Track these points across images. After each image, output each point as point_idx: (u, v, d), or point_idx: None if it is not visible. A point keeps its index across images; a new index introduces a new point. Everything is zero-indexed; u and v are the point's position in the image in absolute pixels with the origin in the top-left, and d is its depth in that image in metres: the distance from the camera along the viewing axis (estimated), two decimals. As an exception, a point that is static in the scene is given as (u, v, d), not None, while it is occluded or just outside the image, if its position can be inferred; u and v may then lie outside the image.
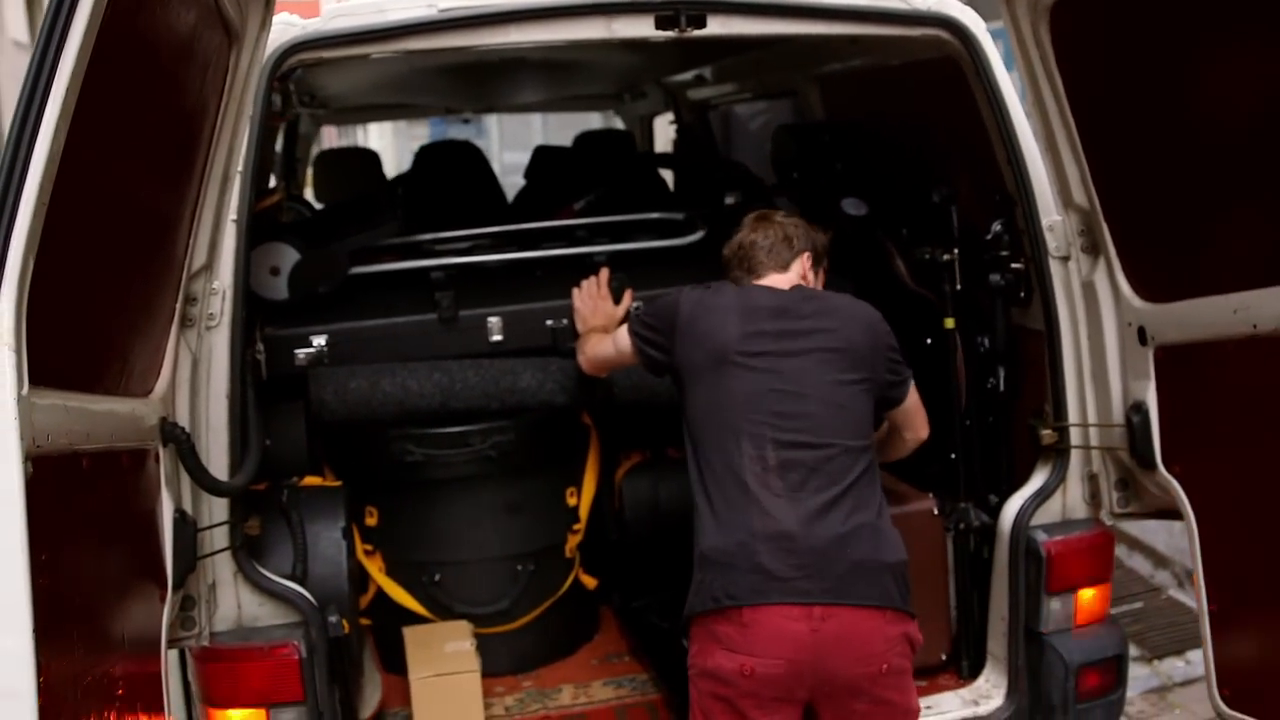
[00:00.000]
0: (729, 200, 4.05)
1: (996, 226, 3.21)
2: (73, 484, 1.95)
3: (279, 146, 5.71)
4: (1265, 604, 2.69)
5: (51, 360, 1.84)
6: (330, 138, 15.66)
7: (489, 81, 5.48)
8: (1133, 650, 4.71)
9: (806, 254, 2.98)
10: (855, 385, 2.77)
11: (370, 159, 6.00)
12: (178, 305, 2.63)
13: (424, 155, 5.70)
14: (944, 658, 3.42)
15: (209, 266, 2.70)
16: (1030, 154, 3.10)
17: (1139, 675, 4.59)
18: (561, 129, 8.48)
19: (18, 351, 1.70)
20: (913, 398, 3.02)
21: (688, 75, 5.49)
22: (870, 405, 2.83)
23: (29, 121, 1.72)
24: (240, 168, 2.74)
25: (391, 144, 17.95)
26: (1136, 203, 2.90)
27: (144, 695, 2.24)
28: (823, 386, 2.73)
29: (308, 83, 4.75)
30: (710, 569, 2.66)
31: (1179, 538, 5.00)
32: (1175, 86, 2.59)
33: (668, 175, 5.68)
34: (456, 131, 10.56)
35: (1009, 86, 3.11)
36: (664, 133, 6.98)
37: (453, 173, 5.42)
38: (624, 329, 3.11)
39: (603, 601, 4.03)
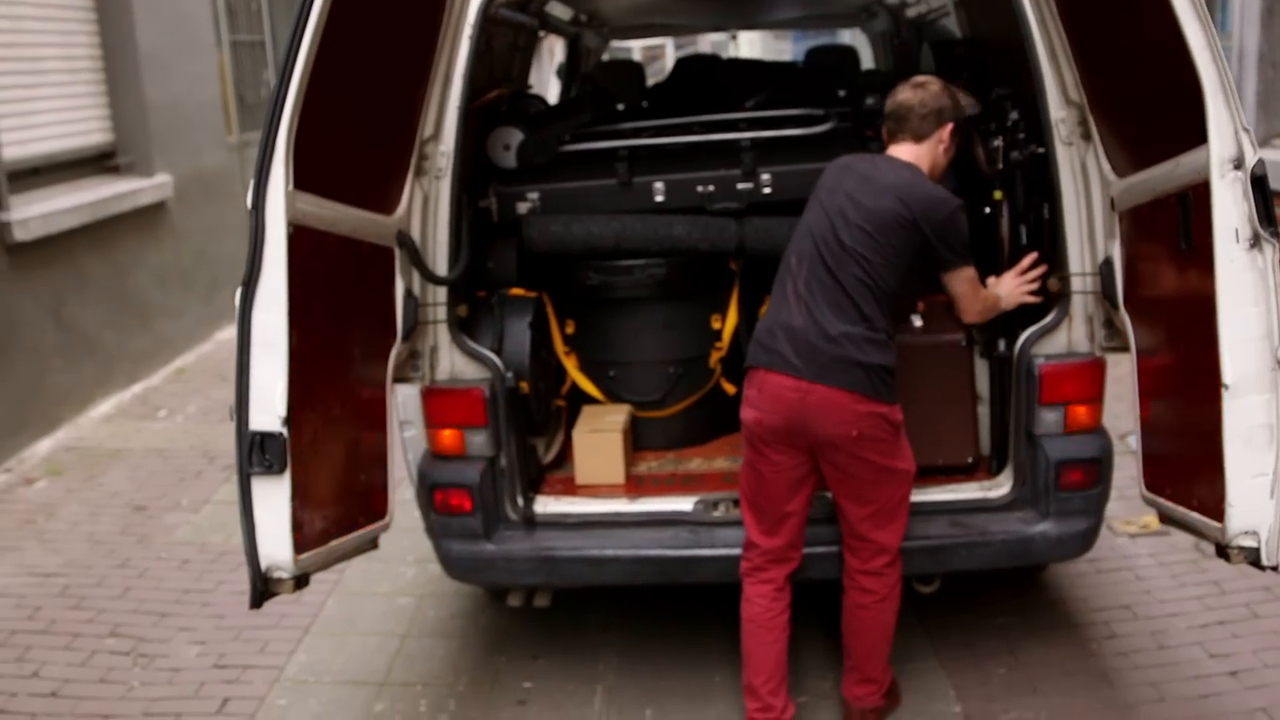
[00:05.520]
0: (869, 101, 5.03)
1: (1014, 115, 4.10)
2: (320, 247, 3.30)
3: (561, 57, 7.11)
4: (1177, 413, 3.52)
5: (311, 176, 3.17)
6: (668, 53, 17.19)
7: (745, 2, 6.66)
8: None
9: (951, 124, 3.78)
10: (881, 238, 3.58)
11: (634, 69, 7.29)
12: (413, 159, 3.99)
13: (679, 65, 6.96)
14: (969, 460, 4.34)
15: (436, 135, 4.03)
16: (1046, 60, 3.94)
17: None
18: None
19: (287, 164, 3.08)
20: (958, 286, 3.80)
21: None
22: (892, 257, 3.59)
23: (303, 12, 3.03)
24: (460, 70, 4.06)
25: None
26: (1110, 101, 3.73)
27: (371, 405, 3.63)
28: (856, 234, 3.59)
29: (578, 6, 6.09)
30: (754, 345, 3.75)
31: None
32: (1118, 18, 3.44)
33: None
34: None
35: (1029, 5, 3.92)
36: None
37: (695, 78, 6.64)
38: None
39: None
